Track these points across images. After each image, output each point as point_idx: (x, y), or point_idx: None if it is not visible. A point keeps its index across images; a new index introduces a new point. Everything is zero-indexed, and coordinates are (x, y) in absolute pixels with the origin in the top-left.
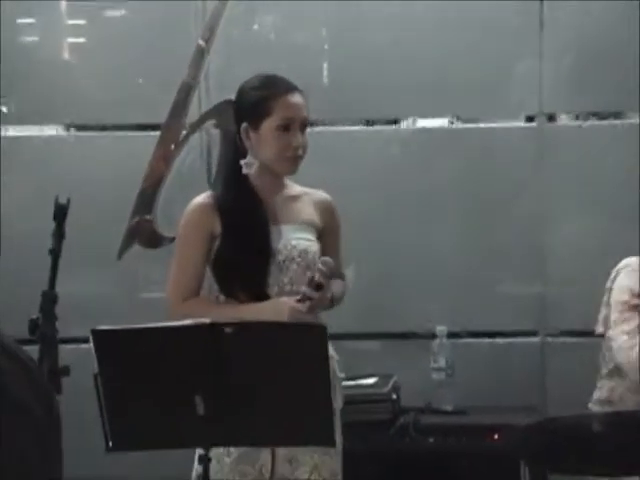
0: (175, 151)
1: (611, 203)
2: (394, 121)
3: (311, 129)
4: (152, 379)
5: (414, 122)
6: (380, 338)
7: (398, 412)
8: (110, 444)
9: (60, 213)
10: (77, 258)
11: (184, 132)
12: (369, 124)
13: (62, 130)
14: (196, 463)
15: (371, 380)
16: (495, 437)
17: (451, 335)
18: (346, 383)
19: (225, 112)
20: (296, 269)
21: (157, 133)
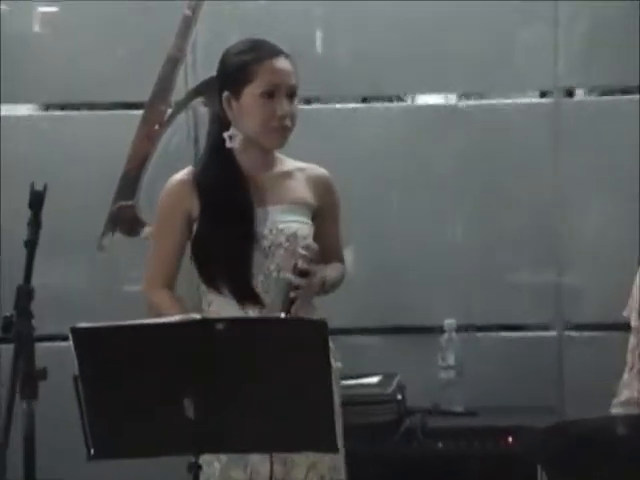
0: (160, 131)
1: (632, 187)
2: (394, 98)
3: (308, 107)
4: (137, 381)
5: (414, 99)
6: (382, 333)
7: (403, 414)
8: (92, 452)
9: (36, 201)
10: (54, 248)
11: (169, 111)
12: (366, 101)
13: (37, 109)
14: None
15: (374, 379)
16: (509, 440)
17: (460, 329)
18: (346, 382)
19: (214, 89)
20: (283, 255)
21: (140, 112)
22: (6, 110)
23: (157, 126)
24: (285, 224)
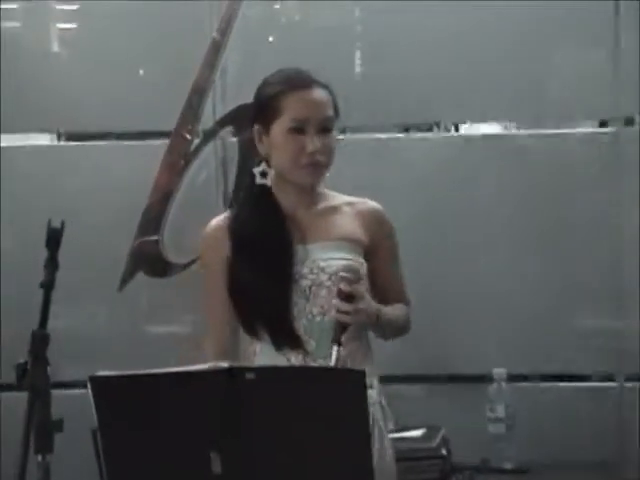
0: (186, 163)
1: None
2: (438, 125)
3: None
4: (161, 433)
5: (460, 128)
6: (426, 381)
7: (449, 470)
8: None
9: (53, 239)
10: (71, 288)
11: (196, 141)
12: (406, 130)
13: (53, 139)
14: None
15: (417, 432)
16: None
17: (511, 378)
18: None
19: (244, 118)
20: (326, 296)
21: (164, 142)
22: (21, 140)
23: (182, 157)
24: (327, 262)
